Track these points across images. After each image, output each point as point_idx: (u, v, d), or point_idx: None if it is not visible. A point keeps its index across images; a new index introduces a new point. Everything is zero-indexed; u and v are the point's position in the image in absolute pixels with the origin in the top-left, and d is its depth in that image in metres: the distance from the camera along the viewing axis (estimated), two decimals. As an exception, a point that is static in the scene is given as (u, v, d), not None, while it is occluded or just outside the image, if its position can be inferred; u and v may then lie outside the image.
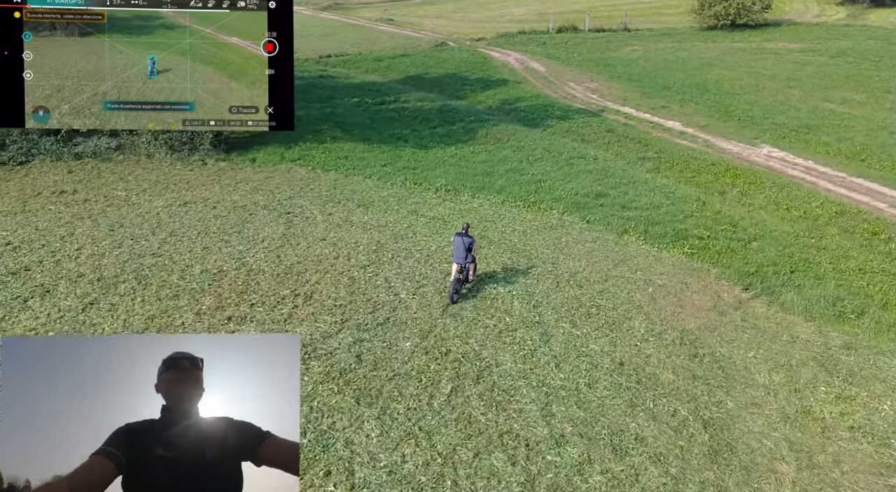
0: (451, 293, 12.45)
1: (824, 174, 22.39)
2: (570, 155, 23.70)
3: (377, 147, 23.27)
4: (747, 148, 25.52)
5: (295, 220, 16.15)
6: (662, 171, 22.39)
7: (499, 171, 21.24)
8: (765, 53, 42.83)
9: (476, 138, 25.75)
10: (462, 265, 12.46)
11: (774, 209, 18.81)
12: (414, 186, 18.97)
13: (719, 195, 20.00)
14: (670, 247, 15.45)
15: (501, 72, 38.48)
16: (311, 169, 20.17)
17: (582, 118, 29.32)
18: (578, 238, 15.81)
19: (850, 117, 29.27)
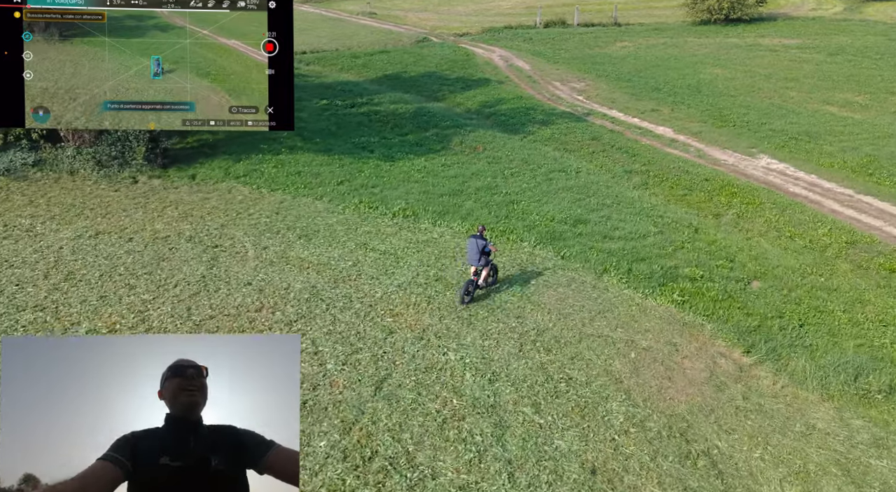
0: (462, 294, 11.89)
1: (829, 191, 19.80)
2: (549, 168, 21.05)
3: (338, 159, 20.58)
4: (744, 159, 22.89)
5: (222, 256, 13.51)
6: (651, 187, 19.77)
7: (469, 188, 18.60)
8: (760, 50, 40.07)
9: (449, 147, 23.07)
10: (477, 267, 11.95)
11: (776, 237, 16.23)
12: (368, 211, 16.31)
13: (714, 219, 17.41)
14: (657, 293, 12.85)
15: (484, 70, 35.67)
16: (256, 188, 17.48)
17: (566, 123, 26.63)
18: (550, 280, 13.20)
19: (853, 123, 26.64)
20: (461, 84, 32.81)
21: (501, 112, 28.44)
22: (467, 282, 12.01)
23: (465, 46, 41.29)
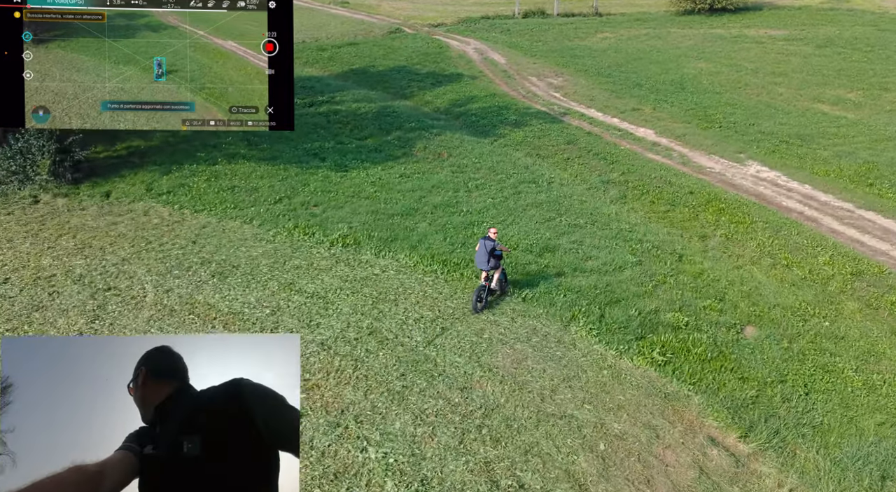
0: (474, 301, 11.04)
1: (826, 206, 17.44)
2: (519, 178, 18.54)
3: (282, 170, 17.95)
4: (731, 166, 20.47)
5: (112, 302, 10.91)
6: (630, 201, 17.32)
7: (426, 206, 16.05)
8: (746, 42, 37.54)
9: (411, 154, 20.48)
10: (486, 271, 11.02)
11: (770, 266, 13.84)
12: (304, 238, 13.74)
13: (699, 242, 15.00)
14: (634, 349, 10.43)
15: (457, 65, 32.94)
16: (178, 208, 14.84)
17: (540, 125, 24.06)
18: (507, 332, 10.74)
19: (848, 123, 24.27)
20: (432, 80, 30.10)
21: (472, 112, 25.82)
22: (479, 288, 11.09)
23: (439, 38, 38.46)
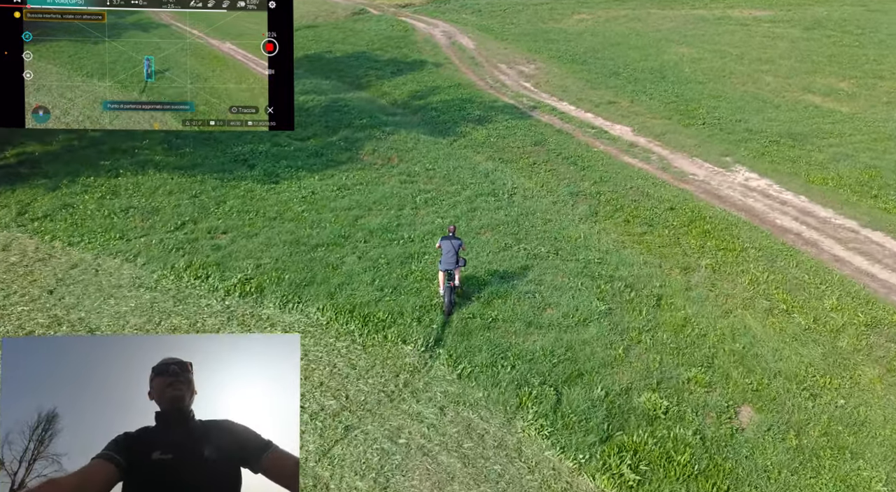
0: (447, 305, 10.18)
1: (827, 224, 14.66)
2: (476, 191, 15.57)
3: (199, 182, 14.86)
4: (717, 172, 17.61)
5: None
6: (601, 219, 14.44)
7: (360, 232, 13.06)
8: (729, 24, 34.41)
9: (357, 159, 17.43)
10: (450, 272, 10.21)
11: (767, 311, 11.06)
12: (196, 282, 10.72)
13: (682, 275, 12.19)
14: (598, 458, 7.60)
15: (422, 50, 29.62)
16: (49, 240, 11.69)
17: (506, 121, 21.01)
18: (432, 434, 7.84)
19: (843, 119, 21.42)
20: (392, 68, 26.84)
21: (433, 105, 22.68)
22: (446, 290, 10.24)
23: (405, 20, 34.98)
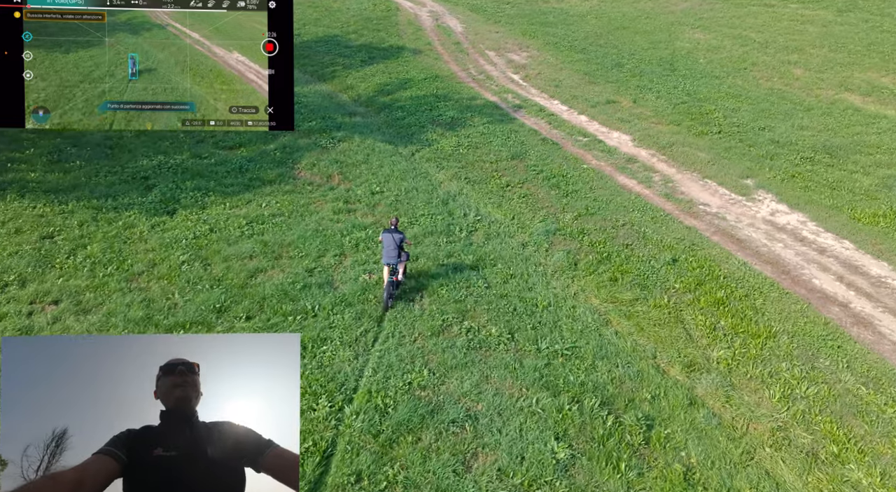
0: (385, 299, 9.27)
1: (883, 284, 10.62)
2: (428, 226, 11.74)
3: (66, 213, 11.17)
4: (735, 201, 13.56)
5: None
6: (581, 273, 10.57)
7: (245, 300, 9.24)
8: (752, 5, 29.57)
9: (289, 176, 13.64)
10: (393, 266, 9.32)
11: (810, 457, 7.25)
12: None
13: (685, 376, 8.32)
14: None
15: (402, 34, 25.38)
16: None
17: (483, 126, 16.97)
18: None
19: (891, 126, 17.10)
20: (363, 55, 22.70)
21: (401, 103, 18.67)
22: (388, 284, 9.28)
23: (391, -2, 30.63)
